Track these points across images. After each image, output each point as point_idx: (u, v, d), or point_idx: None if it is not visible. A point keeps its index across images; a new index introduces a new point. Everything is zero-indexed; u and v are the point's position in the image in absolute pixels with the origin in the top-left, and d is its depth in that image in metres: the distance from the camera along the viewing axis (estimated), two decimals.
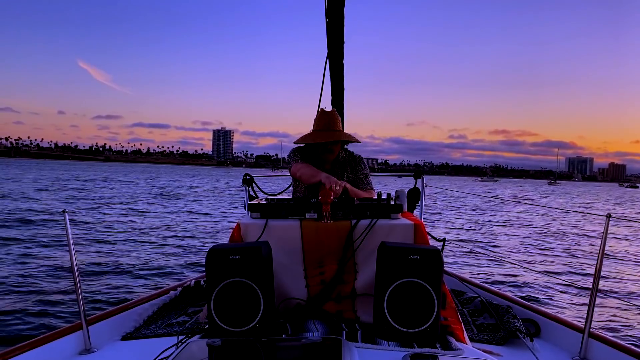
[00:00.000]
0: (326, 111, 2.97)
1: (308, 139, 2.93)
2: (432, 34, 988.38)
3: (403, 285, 1.79)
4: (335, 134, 2.89)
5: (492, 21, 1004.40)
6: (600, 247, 2.44)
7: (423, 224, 2.41)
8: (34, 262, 8.42)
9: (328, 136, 2.86)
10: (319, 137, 2.87)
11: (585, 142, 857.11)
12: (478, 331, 2.82)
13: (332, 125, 2.90)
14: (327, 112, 2.95)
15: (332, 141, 2.86)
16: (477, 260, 10.01)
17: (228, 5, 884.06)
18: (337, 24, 3.54)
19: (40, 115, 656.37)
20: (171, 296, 3.25)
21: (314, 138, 2.89)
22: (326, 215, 2.29)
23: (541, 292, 7.65)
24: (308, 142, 2.94)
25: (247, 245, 1.89)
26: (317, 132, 2.91)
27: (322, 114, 2.94)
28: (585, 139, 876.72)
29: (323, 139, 2.85)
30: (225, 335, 1.80)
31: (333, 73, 4.00)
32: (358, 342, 1.94)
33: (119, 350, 2.47)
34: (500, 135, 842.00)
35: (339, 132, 2.93)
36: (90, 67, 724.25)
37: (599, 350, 2.44)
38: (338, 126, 2.94)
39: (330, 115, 2.93)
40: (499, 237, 14.66)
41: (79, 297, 2.42)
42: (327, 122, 2.91)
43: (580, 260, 11.12)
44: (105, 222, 14.29)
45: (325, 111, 2.96)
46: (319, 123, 2.92)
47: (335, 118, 2.94)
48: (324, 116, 2.93)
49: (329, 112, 2.96)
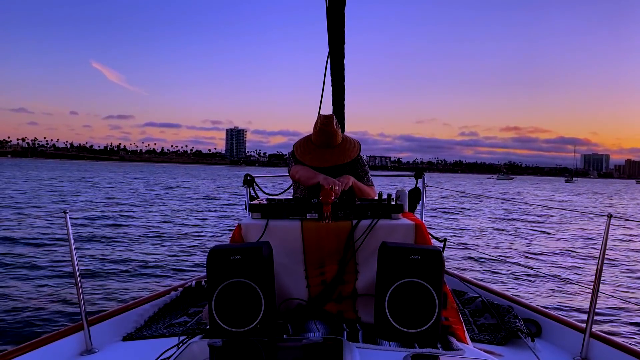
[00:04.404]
0: (324, 127, 2.81)
1: (307, 159, 2.84)
2: (440, 31, 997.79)
3: (404, 285, 1.79)
4: (334, 154, 2.83)
5: (502, 17, 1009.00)
6: (601, 247, 2.44)
7: (424, 224, 2.41)
8: (35, 261, 8.43)
9: (325, 160, 2.81)
10: (315, 160, 2.82)
11: (599, 139, 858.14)
12: (479, 331, 2.82)
13: (330, 143, 2.83)
14: (324, 129, 2.81)
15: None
16: (477, 259, 10.01)
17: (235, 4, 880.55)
18: (338, 24, 3.53)
19: (54, 116, 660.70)
20: (172, 297, 3.25)
21: (312, 161, 2.82)
22: (327, 216, 2.29)
23: (542, 292, 7.65)
24: (306, 163, 2.84)
25: (248, 245, 1.89)
26: (316, 149, 2.85)
27: (321, 131, 2.81)
28: (599, 135, 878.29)
29: (321, 163, 2.80)
30: (226, 335, 1.80)
31: (334, 73, 3.99)
32: (359, 343, 1.94)
33: (120, 350, 2.47)
34: (511, 132, 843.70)
35: (338, 149, 2.86)
36: (103, 67, 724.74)
37: (600, 351, 2.44)
38: (337, 141, 2.86)
39: (328, 132, 2.81)
40: (503, 238, 14.65)
41: (80, 297, 2.42)
42: (326, 140, 2.82)
43: (582, 260, 11.12)
44: (106, 221, 14.31)
45: (322, 128, 2.81)
46: (317, 138, 2.84)
47: (333, 133, 2.82)
48: (322, 133, 2.81)
49: (326, 127, 2.81)
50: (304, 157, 2.86)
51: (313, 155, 2.85)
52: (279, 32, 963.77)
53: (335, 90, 4.17)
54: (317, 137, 2.84)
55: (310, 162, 2.82)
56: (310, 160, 2.83)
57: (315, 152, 2.85)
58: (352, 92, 4.44)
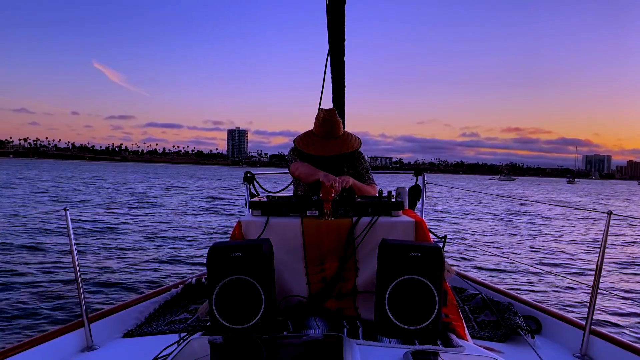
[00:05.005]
0: (327, 117, 2.88)
1: (311, 149, 2.88)
2: (441, 31, 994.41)
3: (404, 282, 1.79)
4: (337, 144, 2.86)
5: (503, 18, 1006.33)
6: (601, 244, 2.44)
7: (424, 221, 2.41)
8: (36, 259, 8.44)
9: (329, 149, 2.84)
10: (319, 149, 2.85)
11: (600, 140, 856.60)
12: (479, 328, 2.83)
13: (333, 132, 2.87)
14: (327, 119, 2.87)
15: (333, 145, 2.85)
16: (477, 257, 10.01)
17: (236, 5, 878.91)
18: (338, 21, 3.52)
19: (55, 116, 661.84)
20: (172, 294, 3.25)
21: (316, 150, 2.86)
22: (327, 213, 2.29)
23: (542, 289, 7.66)
24: (310, 153, 2.88)
25: (248, 242, 1.90)
26: (319, 140, 2.87)
27: (323, 120, 2.87)
28: (600, 137, 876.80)
29: (324, 152, 2.83)
30: (226, 332, 1.81)
31: (334, 71, 3.98)
32: (359, 339, 1.94)
33: (120, 347, 2.47)
34: (513, 133, 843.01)
35: (340, 140, 2.89)
36: (105, 67, 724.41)
37: (600, 347, 2.45)
38: (339, 131, 2.90)
39: (330, 122, 2.86)
40: (503, 235, 14.66)
41: (81, 294, 2.42)
42: (329, 130, 2.85)
43: (582, 256, 11.12)
44: (107, 220, 14.31)
45: (325, 117, 2.87)
46: (320, 129, 2.88)
47: (336, 123, 2.87)
48: (325, 123, 2.86)
49: (329, 117, 2.87)
50: (307, 148, 2.89)
51: (317, 145, 2.88)
52: (281, 33, 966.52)
53: (336, 88, 4.16)
54: (320, 127, 2.88)
55: (314, 152, 2.86)
56: (315, 150, 2.86)
57: (318, 142, 2.88)
58: (352, 93, 4.41)
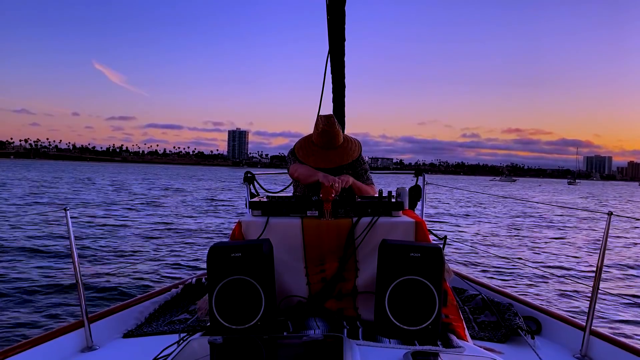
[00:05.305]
0: (326, 128, 2.80)
1: (311, 160, 2.84)
2: (441, 32, 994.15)
3: (404, 282, 1.79)
4: (337, 154, 2.84)
5: (503, 18, 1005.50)
6: (601, 245, 2.44)
7: (424, 221, 2.41)
8: (36, 260, 8.44)
9: (329, 160, 2.83)
10: (319, 161, 2.82)
11: (601, 141, 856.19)
12: (479, 329, 2.83)
13: (333, 143, 2.83)
14: (326, 130, 2.80)
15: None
16: (478, 258, 10.01)
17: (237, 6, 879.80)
18: (338, 22, 3.52)
19: (55, 117, 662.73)
20: (173, 294, 3.25)
21: (316, 162, 2.82)
22: (327, 213, 2.29)
23: (542, 290, 7.65)
24: (310, 164, 2.83)
25: (249, 242, 1.89)
26: (318, 150, 2.85)
27: (323, 132, 2.80)
28: (601, 137, 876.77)
29: (324, 163, 2.81)
30: (226, 332, 1.81)
31: (334, 71, 3.97)
32: (359, 340, 1.94)
33: (120, 347, 2.47)
34: (513, 134, 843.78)
35: (340, 149, 2.86)
36: (105, 68, 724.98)
37: (600, 348, 2.44)
38: (339, 141, 2.86)
39: (330, 133, 2.80)
40: (503, 236, 14.66)
41: (81, 294, 2.42)
42: (328, 141, 2.82)
43: (582, 257, 11.12)
44: (107, 219, 14.32)
45: (325, 128, 2.80)
46: (320, 139, 2.83)
47: (335, 134, 2.82)
48: (324, 134, 2.80)
49: (328, 128, 2.80)
50: (307, 159, 2.86)
51: (317, 156, 2.85)
52: (281, 33, 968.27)
53: (336, 89, 4.15)
54: (320, 138, 2.84)
55: (314, 164, 2.82)
56: (315, 162, 2.83)
57: (318, 153, 2.85)
58: (352, 93, 4.45)
